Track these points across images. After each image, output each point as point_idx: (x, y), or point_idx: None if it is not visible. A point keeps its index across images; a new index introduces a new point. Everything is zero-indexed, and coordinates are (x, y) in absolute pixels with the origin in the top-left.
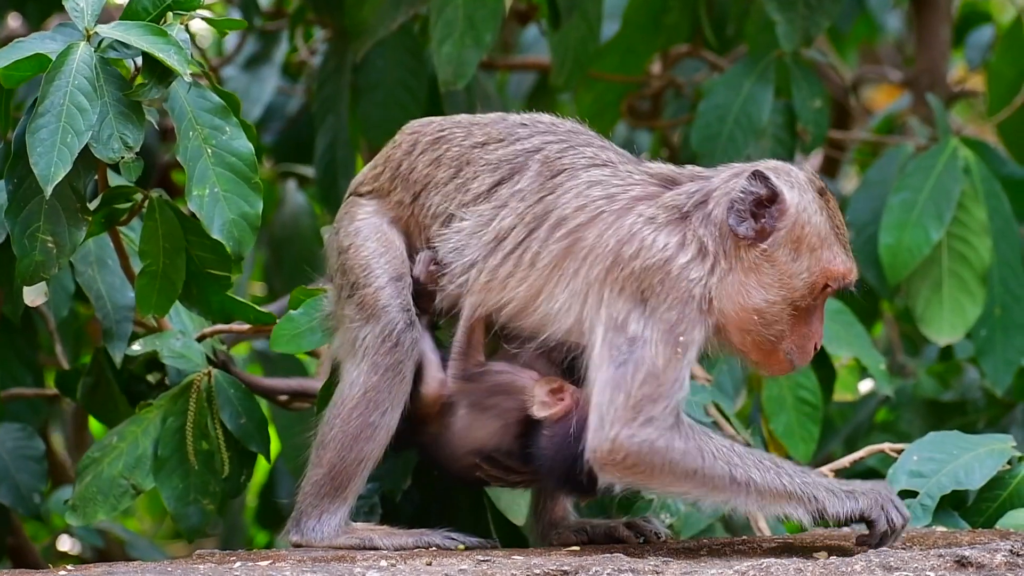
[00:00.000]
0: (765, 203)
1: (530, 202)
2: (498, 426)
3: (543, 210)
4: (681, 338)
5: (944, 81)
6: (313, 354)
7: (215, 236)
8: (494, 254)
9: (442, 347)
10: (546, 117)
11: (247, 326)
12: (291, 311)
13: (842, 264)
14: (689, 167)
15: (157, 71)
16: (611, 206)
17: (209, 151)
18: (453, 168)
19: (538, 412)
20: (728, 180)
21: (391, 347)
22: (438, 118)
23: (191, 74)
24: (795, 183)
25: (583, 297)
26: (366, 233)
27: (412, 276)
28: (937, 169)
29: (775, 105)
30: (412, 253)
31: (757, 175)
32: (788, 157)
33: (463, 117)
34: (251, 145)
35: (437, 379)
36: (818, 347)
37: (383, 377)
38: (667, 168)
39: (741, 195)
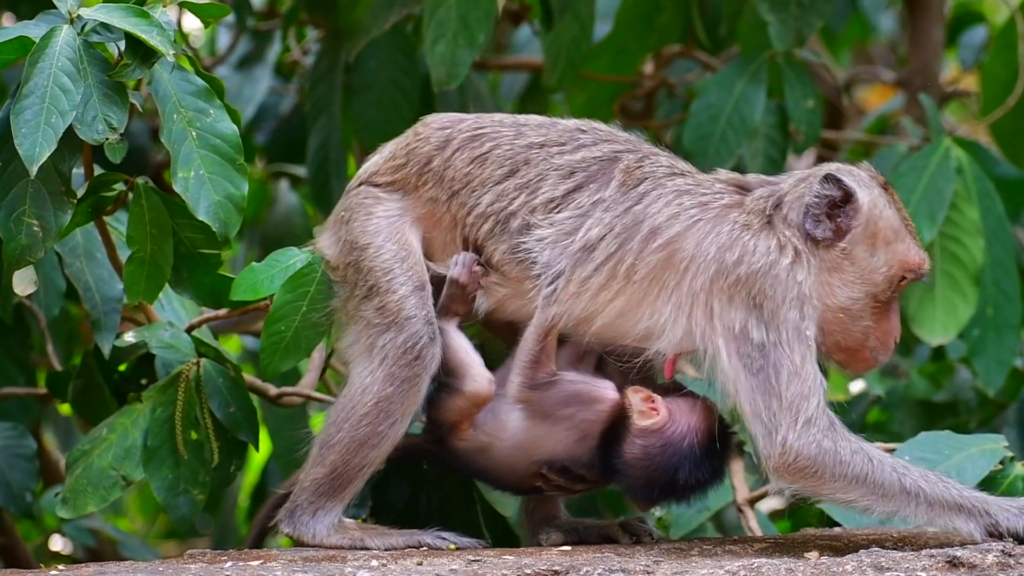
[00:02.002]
0: (839, 204)
1: (617, 212)
2: (574, 436)
3: (632, 220)
4: (807, 333)
5: (937, 81)
6: None
7: (201, 218)
8: (583, 265)
9: None
10: (599, 124)
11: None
12: (252, 263)
13: (916, 255)
14: (753, 175)
15: (140, 52)
16: (705, 214)
17: (193, 133)
18: (507, 167)
19: (641, 422)
20: (797, 184)
21: (412, 359)
22: (468, 115)
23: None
24: (863, 182)
25: (688, 308)
26: (386, 234)
27: (451, 277)
28: (930, 169)
29: (768, 105)
30: (431, 251)
31: (830, 178)
32: (780, 157)
33: (502, 116)
34: (235, 127)
35: (486, 378)
36: (897, 341)
37: (399, 388)
38: (734, 175)
39: (816, 199)
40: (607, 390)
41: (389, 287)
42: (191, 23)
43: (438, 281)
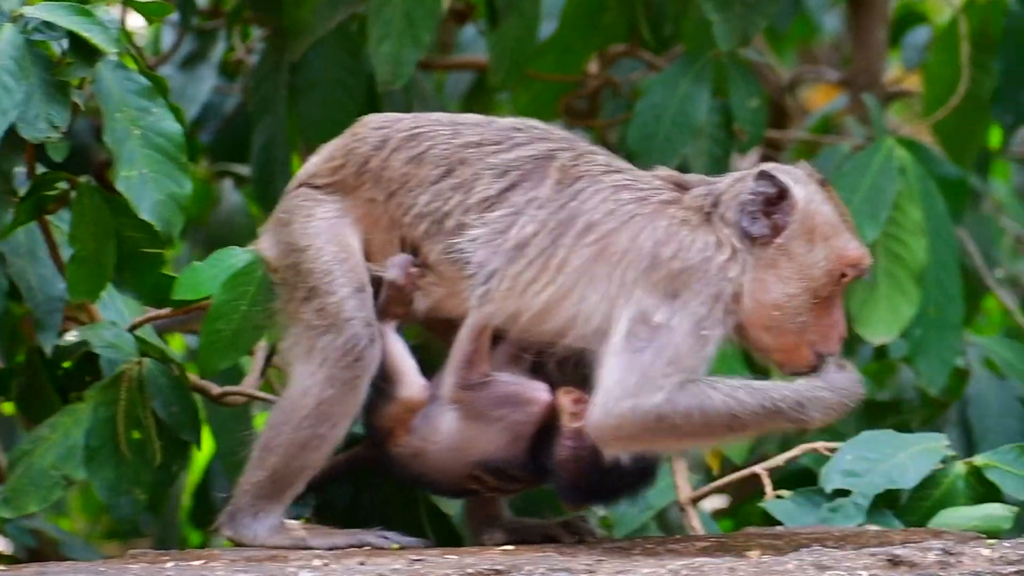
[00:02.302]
0: (774, 201)
1: (551, 209)
2: (507, 437)
3: (568, 216)
4: (703, 332)
5: (880, 81)
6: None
7: (144, 217)
8: (515, 262)
9: None
10: (536, 123)
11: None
12: (194, 262)
13: (855, 249)
14: (693, 174)
15: (83, 51)
16: (642, 209)
17: (136, 132)
18: (443, 167)
19: (570, 423)
20: (734, 183)
21: (352, 361)
22: (407, 115)
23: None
24: (798, 178)
25: (613, 299)
26: (327, 236)
27: (388, 279)
28: (873, 169)
29: (712, 104)
30: (371, 252)
31: (764, 175)
32: (725, 156)
33: (439, 115)
34: (179, 126)
35: (420, 384)
36: (843, 337)
37: (339, 391)
38: (672, 172)
39: (751, 196)
40: (539, 392)
41: (328, 289)
42: (135, 21)
43: (378, 282)
